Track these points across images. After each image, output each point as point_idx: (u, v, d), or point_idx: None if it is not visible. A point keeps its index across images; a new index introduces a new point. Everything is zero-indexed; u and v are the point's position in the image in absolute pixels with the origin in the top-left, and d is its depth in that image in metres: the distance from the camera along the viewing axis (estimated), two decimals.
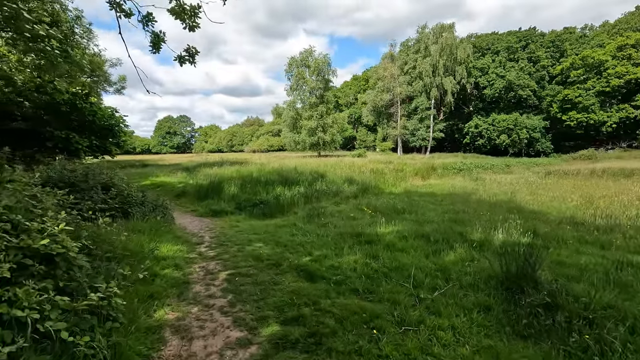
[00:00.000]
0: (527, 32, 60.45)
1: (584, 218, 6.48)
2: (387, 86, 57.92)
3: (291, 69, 47.89)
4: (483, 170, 22.15)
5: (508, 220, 6.24)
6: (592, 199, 8.67)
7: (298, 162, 29.03)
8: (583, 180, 13.43)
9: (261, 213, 9.97)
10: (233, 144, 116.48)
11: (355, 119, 77.52)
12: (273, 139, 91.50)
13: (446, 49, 53.49)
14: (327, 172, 18.21)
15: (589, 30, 61.85)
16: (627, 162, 25.53)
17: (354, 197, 10.65)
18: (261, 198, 12.01)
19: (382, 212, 7.59)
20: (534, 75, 54.10)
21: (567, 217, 6.63)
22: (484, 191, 11.11)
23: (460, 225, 6.07)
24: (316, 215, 7.79)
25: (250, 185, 14.05)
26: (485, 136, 54.87)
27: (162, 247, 5.08)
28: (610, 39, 49.89)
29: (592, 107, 45.26)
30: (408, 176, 17.44)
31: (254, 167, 21.25)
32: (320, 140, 46.67)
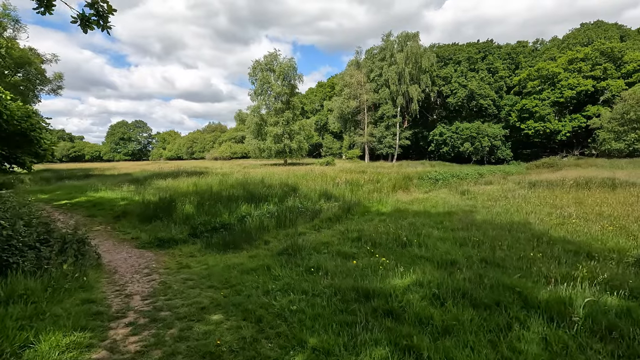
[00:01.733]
0: (485, 44, 62.76)
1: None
2: (354, 93, 57.32)
3: (255, 73, 45.62)
4: (459, 180, 21.28)
5: (559, 260, 4.72)
6: (618, 219, 7.54)
7: (265, 171, 26.79)
8: (575, 192, 12.59)
9: (222, 242, 7.82)
10: (193, 150, 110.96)
11: (321, 126, 76.37)
12: (236, 146, 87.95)
13: (411, 58, 53.90)
14: (299, 184, 16.28)
15: (540, 45, 65.46)
16: (594, 171, 25.97)
17: (336, 219, 8.84)
18: (222, 220, 9.81)
19: (382, 246, 5.82)
20: (493, 85, 55.97)
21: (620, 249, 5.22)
22: (484, 208, 9.77)
23: (501, 270, 4.45)
24: (295, 251, 5.85)
25: (210, 203, 11.77)
26: (450, 144, 55.76)
27: (44, 339, 2.91)
28: (560, 52, 52.69)
29: (548, 116, 47.23)
30: (387, 188, 15.96)
31: (215, 179, 18.81)
32: (287, 148, 44.65)
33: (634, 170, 27.90)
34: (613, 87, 42.96)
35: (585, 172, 25.59)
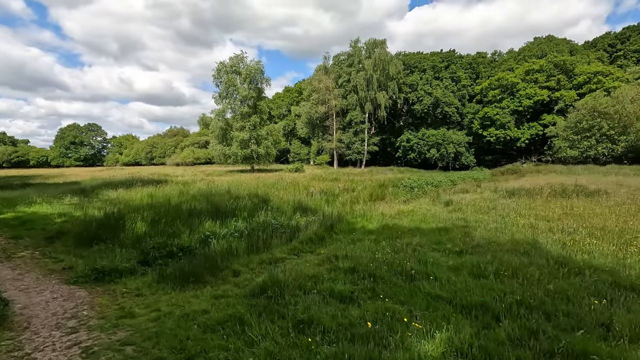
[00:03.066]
0: (448, 53, 64.78)
1: None
2: (322, 98, 56.65)
3: (220, 75, 43.47)
4: (434, 187, 20.84)
5: (609, 298, 3.83)
6: (623, 234, 6.96)
7: (231, 179, 24.97)
8: (556, 201, 12.28)
9: (179, 274, 6.30)
10: (153, 156, 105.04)
11: (289, 131, 75.03)
12: (200, 151, 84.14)
13: (379, 64, 54.21)
14: (270, 194, 14.87)
15: (497, 56, 68.67)
16: (556, 177, 26.70)
17: (319, 239, 7.60)
18: (181, 243, 8.23)
19: (384, 280, 4.66)
20: (457, 93, 57.71)
21: None
22: (476, 223, 8.99)
23: (547, 318, 3.47)
24: (276, 290, 4.54)
25: (167, 220, 10.10)
26: (416, 150, 56.59)
27: None
28: (517, 64, 55.34)
29: (508, 124, 49.14)
30: (364, 198, 14.98)
31: (174, 189, 16.90)
32: (254, 154, 42.78)
33: (590, 175, 29.13)
34: (566, 98, 45.46)
35: (549, 178, 26.29)
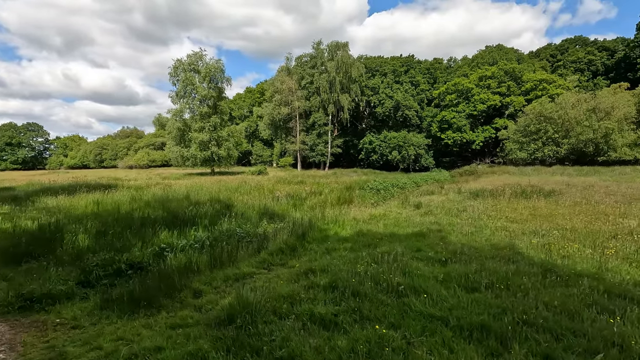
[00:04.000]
0: (407, 58, 66.76)
1: None
2: (285, 100, 55.84)
3: (177, 73, 41.22)
4: (400, 189, 20.95)
5: (611, 311, 3.58)
6: (593, 236, 7.05)
7: (190, 183, 23.42)
8: (518, 202, 12.59)
9: (129, 297, 5.35)
10: (103, 158, 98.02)
11: (251, 133, 73.26)
12: (155, 153, 79.71)
13: (342, 67, 54.47)
14: (233, 199, 13.94)
15: (452, 62, 71.93)
16: (510, 177, 28.04)
17: (290, 250, 6.95)
18: (131, 258, 7.19)
19: (370, 298, 4.12)
20: (416, 97, 59.54)
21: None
22: (450, 226, 8.82)
23: (557, 339, 3.05)
24: (246, 318, 3.85)
25: (115, 231, 8.93)
26: (379, 152, 57.51)
27: None
28: (471, 70, 58.18)
29: (464, 127, 51.38)
30: (332, 201, 14.53)
31: (126, 195, 15.38)
32: (215, 156, 40.98)
33: (540, 176, 31.05)
34: (516, 103, 48.40)
35: (504, 179, 27.57)
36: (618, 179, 22.53)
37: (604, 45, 60.73)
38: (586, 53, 60.03)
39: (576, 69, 59.35)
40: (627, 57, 55.44)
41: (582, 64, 59.61)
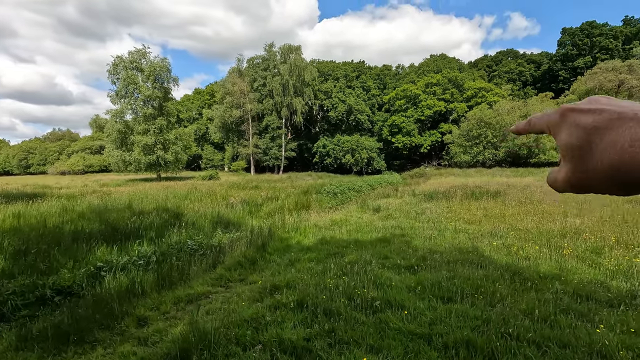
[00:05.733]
0: (358, 64, 68.48)
1: None
2: (237, 102, 54.24)
3: (117, 71, 38.07)
4: (356, 193, 21.03)
5: (586, 316, 3.53)
6: (545, 236, 7.35)
7: (133, 190, 21.45)
8: (470, 203, 13.09)
9: (55, 332, 4.44)
10: (30, 163, 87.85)
11: (200, 136, 70.11)
12: (92, 158, 73.03)
13: (295, 70, 54.23)
14: (183, 207, 12.87)
15: (400, 69, 75.07)
16: (456, 179, 29.58)
17: (249, 262, 6.34)
18: (59, 282, 6.10)
19: (343, 317, 3.72)
20: (368, 102, 61.16)
21: (608, 285, 4.55)
22: (411, 230, 8.79)
23: (543, 352, 2.96)
24: (203, 356, 3.25)
25: (40, 249, 7.65)
26: (332, 155, 58.04)
27: None
28: (418, 77, 61.11)
29: (413, 131, 53.68)
30: (290, 206, 14.03)
31: (55, 205, 13.55)
32: (161, 160, 38.37)
33: (482, 177, 33.18)
34: (459, 109, 51.61)
35: (451, 180, 28.99)
36: None
37: (531, 59, 67.22)
38: (517, 65, 65.99)
39: (509, 79, 64.95)
40: (551, 69, 61.88)
41: (514, 75, 65.37)
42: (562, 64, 59.87)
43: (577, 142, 0.41)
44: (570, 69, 58.33)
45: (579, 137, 0.41)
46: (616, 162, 0.37)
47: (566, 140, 0.43)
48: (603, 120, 0.40)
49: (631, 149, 0.36)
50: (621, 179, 0.38)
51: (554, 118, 0.46)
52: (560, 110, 0.46)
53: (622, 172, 0.37)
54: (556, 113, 0.47)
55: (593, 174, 0.40)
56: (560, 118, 0.45)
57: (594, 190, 0.42)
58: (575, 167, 0.42)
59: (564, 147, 0.43)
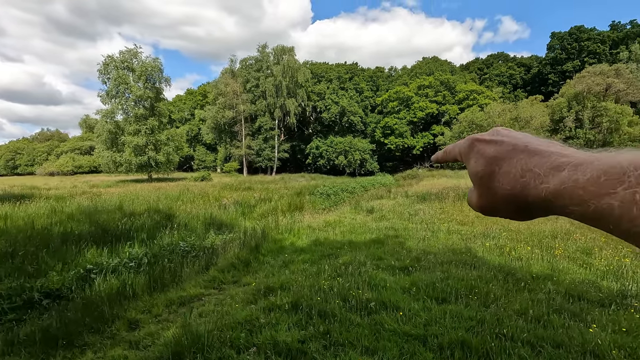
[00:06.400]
0: (351, 66, 68.72)
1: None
2: (230, 103, 53.96)
3: (107, 71, 37.60)
4: (349, 194, 21.05)
5: (576, 314, 3.55)
6: (532, 238, 7.42)
7: (123, 191, 21.17)
8: (462, 204, 13.15)
9: (43, 335, 4.35)
10: (17, 164, 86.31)
11: (193, 137, 69.58)
12: (82, 159, 71.93)
13: (288, 71, 54.17)
14: (175, 209, 12.73)
15: (393, 72, 75.51)
16: (448, 180, 29.80)
17: (243, 264, 6.28)
18: (48, 284, 5.98)
19: (338, 319, 3.68)
20: (361, 104, 61.36)
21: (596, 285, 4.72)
22: (405, 231, 8.81)
23: (537, 352, 3.01)
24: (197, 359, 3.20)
25: (27, 251, 7.49)
26: (325, 157, 58.06)
27: None
28: (410, 79, 61.54)
29: (405, 133, 54.01)
30: (283, 208, 13.98)
31: (44, 207, 13.31)
32: (152, 161, 37.96)
33: None
34: (451, 111, 52.08)
35: (443, 182, 29.19)
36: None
37: (521, 62, 68.23)
38: (507, 68, 66.91)
39: (500, 82, 65.79)
40: (540, 72, 62.85)
41: (504, 78, 66.25)
42: (551, 67, 60.86)
43: (481, 170, 0.44)
44: (559, 73, 59.32)
45: (483, 166, 0.44)
46: (510, 190, 0.40)
47: (473, 168, 0.46)
48: (502, 151, 0.43)
49: (522, 180, 0.39)
50: (516, 206, 0.41)
51: (464, 147, 0.49)
52: (469, 140, 0.49)
53: (516, 199, 0.40)
54: (466, 142, 0.49)
55: (496, 200, 0.43)
56: (469, 147, 0.48)
57: (499, 214, 0.45)
58: (482, 193, 0.45)
59: (472, 175, 0.46)
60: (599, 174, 0.32)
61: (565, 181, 0.34)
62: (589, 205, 0.31)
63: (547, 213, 0.38)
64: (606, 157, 0.34)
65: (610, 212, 0.30)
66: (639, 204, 0.28)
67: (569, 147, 0.40)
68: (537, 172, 0.38)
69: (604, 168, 0.32)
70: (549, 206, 0.36)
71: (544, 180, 0.36)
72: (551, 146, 0.41)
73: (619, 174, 0.30)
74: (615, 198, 0.30)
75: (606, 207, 0.30)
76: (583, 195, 0.32)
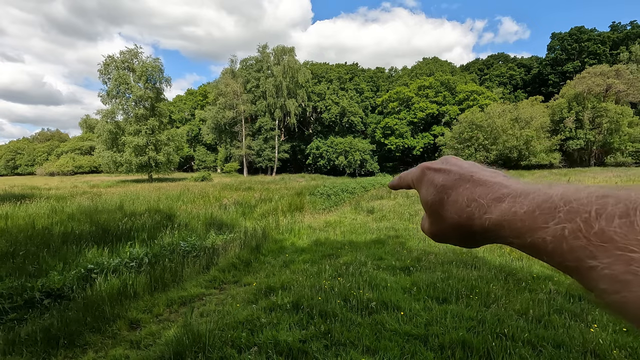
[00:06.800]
0: (352, 66, 68.71)
1: None
2: (230, 103, 53.99)
3: (108, 71, 37.63)
4: (350, 194, 21.05)
5: (579, 317, 3.58)
6: None
7: (124, 191, 21.21)
8: None
9: (44, 335, 4.36)
10: (17, 164, 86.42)
11: (193, 137, 69.64)
12: (82, 159, 71.98)
13: (288, 72, 54.21)
14: (176, 209, 12.74)
15: (393, 72, 75.53)
16: None
17: (244, 264, 6.29)
18: (49, 284, 5.99)
19: (339, 319, 3.69)
20: (361, 104, 61.38)
21: None
22: (406, 232, 8.81)
23: (538, 352, 3.05)
24: (198, 359, 3.21)
25: (28, 250, 7.51)
26: (326, 157, 58.04)
27: None
28: (411, 80, 61.54)
29: (406, 133, 54.00)
30: (283, 208, 13.99)
31: (44, 207, 13.31)
32: (152, 161, 37.98)
33: None
34: (451, 112, 52.06)
35: None
36: (538, 182, 25.04)
37: (521, 63, 68.24)
38: (508, 69, 66.92)
39: (500, 82, 65.81)
40: (541, 73, 62.86)
41: (504, 78, 66.26)
42: (551, 68, 60.88)
43: (431, 199, 0.44)
44: (559, 73, 59.34)
45: (432, 194, 0.44)
46: (457, 219, 0.40)
47: (424, 196, 0.46)
48: (450, 180, 0.43)
49: (468, 209, 0.39)
50: (463, 234, 0.41)
51: (416, 175, 0.49)
52: (420, 168, 0.49)
53: (463, 228, 0.40)
54: (417, 170, 0.50)
55: (445, 228, 0.43)
56: (420, 175, 0.48)
57: (449, 241, 0.45)
58: (433, 221, 0.45)
59: (423, 202, 0.47)
60: (534, 207, 0.33)
61: (506, 213, 0.35)
62: (526, 238, 0.32)
63: (492, 241, 0.39)
64: (541, 190, 0.34)
65: (544, 246, 0.31)
66: (568, 239, 0.29)
67: (510, 178, 0.41)
68: (481, 203, 0.38)
69: (538, 202, 0.33)
70: (492, 236, 0.37)
71: (487, 210, 0.37)
72: (495, 176, 0.42)
73: (551, 208, 0.31)
74: (548, 233, 0.30)
75: (540, 241, 0.31)
76: (521, 228, 0.33)
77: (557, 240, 0.30)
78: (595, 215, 0.28)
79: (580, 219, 0.29)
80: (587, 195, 0.30)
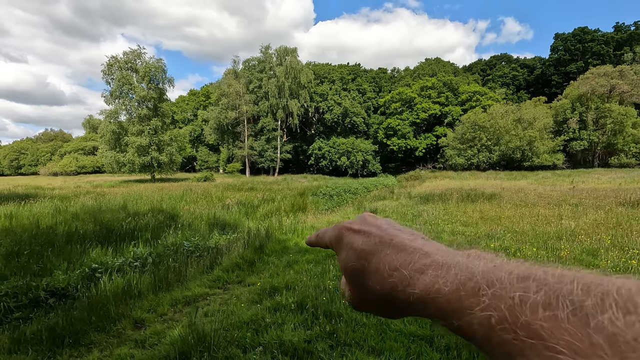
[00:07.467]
0: (354, 67, 68.67)
1: None
2: (232, 104, 54.11)
3: (111, 72, 37.80)
4: (352, 195, 21.02)
5: None
6: (544, 239, 7.43)
7: (127, 191, 21.28)
8: (466, 205, 13.13)
9: (49, 334, 4.37)
10: (21, 164, 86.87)
11: (195, 137, 69.81)
12: (85, 159, 72.32)
13: (291, 72, 54.27)
14: (178, 209, 12.76)
15: (396, 73, 75.43)
16: (451, 182, 29.71)
17: (247, 264, 6.30)
18: (53, 283, 6.01)
19: (344, 318, 3.71)
20: (363, 105, 61.34)
21: None
22: None
23: None
24: (203, 359, 3.21)
25: (33, 250, 7.54)
26: (328, 158, 58.04)
27: None
28: (413, 80, 61.45)
29: (408, 134, 53.91)
30: (286, 208, 14.00)
31: (48, 206, 13.37)
32: (155, 162, 38.09)
33: (477, 180, 33.26)
34: (453, 112, 51.95)
35: (446, 183, 29.10)
36: (542, 182, 24.88)
37: (524, 63, 68.03)
38: (511, 69, 66.73)
39: (503, 83, 65.65)
40: (544, 74, 62.65)
41: (507, 79, 66.08)
42: (554, 68, 60.68)
43: (351, 266, 0.40)
44: (562, 74, 59.12)
45: (353, 261, 0.40)
46: (380, 290, 0.37)
47: (344, 261, 0.42)
48: (370, 244, 0.40)
49: (390, 280, 0.36)
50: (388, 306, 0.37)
51: (333, 237, 0.45)
52: (337, 229, 0.45)
53: (386, 300, 0.36)
54: (334, 230, 0.45)
55: (368, 299, 0.39)
56: (337, 237, 0.44)
57: (372, 312, 0.41)
58: (355, 290, 0.41)
59: (342, 269, 0.42)
60: (458, 286, 0.30)
61: (429, 288, 0.32)
62: (453, 322, 0.30)
63: (419, 316, 0.35)
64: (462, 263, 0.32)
65: (472, 333, 0.28)
66: (496, 330, 0.26)
67: (428, 242, 0.38)
68: (403, 273, 0.35)
69: (461, 280, 0.30)
70: (418, 310, 0.34)
71: (410, 282, 0.34)
72: (414, 240, 0.39)
73: (474, 289, 0.29)
74: (474, 319, 0.28)
75: (467, 327, 0.28)
76: (447, 310, 0.30)
77: (485, 329, 0.27)
78: (519, 302, 0.26)
79: (505, 306, 0.27)
80: (508, 275, 0.28)
